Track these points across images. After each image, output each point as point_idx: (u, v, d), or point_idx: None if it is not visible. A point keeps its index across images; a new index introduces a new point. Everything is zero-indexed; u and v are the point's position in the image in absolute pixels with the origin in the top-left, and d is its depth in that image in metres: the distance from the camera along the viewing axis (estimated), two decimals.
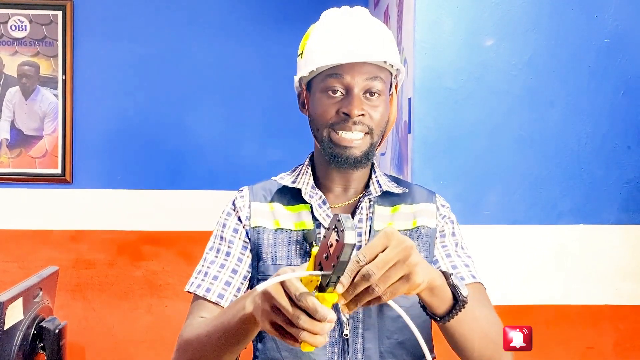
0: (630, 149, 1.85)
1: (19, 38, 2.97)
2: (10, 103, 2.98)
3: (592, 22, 1.83)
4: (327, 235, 0.74)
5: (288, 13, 3.01)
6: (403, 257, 0.78)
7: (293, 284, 0.76)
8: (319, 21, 1.17)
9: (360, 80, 1.08)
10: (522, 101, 1.83)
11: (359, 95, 1.09)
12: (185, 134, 3.04)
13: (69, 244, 3.00)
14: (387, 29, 1.15)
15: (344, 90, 1.09)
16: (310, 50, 1.12)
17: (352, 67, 1.08)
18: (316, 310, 0.73)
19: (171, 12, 3.02)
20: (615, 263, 1.86)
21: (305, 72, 1.12)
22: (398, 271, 0.78)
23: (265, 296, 0.79)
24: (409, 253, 0.79)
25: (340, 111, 1.09)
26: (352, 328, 1.10)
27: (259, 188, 1.22)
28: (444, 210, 1.22)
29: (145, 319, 3.01)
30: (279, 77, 2.96)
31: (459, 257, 1.17)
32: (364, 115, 1.09)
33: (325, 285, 0.74)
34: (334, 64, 1.07)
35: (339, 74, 1.08)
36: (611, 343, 1.88)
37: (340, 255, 0.69)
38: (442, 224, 1.20)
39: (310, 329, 0.74)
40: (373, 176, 1.19)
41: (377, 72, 1.10)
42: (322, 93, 1.11)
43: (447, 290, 0.93)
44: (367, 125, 1.10)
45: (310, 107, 1.15)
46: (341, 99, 1.10)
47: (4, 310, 1.25)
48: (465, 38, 1.82)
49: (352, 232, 0.69)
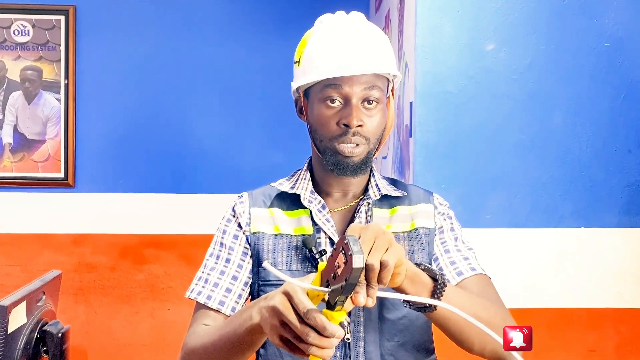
0: (631, 152, 1.85)
1: (22, 43, 2.98)
2: (13, 107, 2.99)
3: (593, 26, 1.84)
4: (334, 254, 0.77)
5: (290, 16, 3.02)
6: (375, 233, 0.84)
7: (301, 301, 0.78)
8: (314, 27, 1.17)
9: (358, 90, 1.09)
10: (522, 105, 1.83)
11: (357, 106, 1.09)
12: (188, 138, 3.04)
13: (71, 248, 3.01)
14: (383, 35, 1.16)
15: (342, 100, 1.10)
16: (308, 60, 1.12)
17: (350, 77, 1.08)
18: (325, 328, 0.76)
19: (174, 18, 3.03)
20: (616, 266, 1.86)
21: (303, 81, 1.13)
22: (380, 243, 0.83)
23: (274, 311, 0.82)
24: (381, 230, 0.85)
25: (340, 122, 1.10)
26: (354, 331, 1.10)
27: (258, 193, 1.22)
28: (442, 208, 1.22)
29: (147, 322, 3.02)
30: (281, 80, 2.95)
31: (458, 252, 1.17)
32: (362, 125, 1.09)
33: (333, 303, 0.77)
34: (334, 76, 1.08)
35: (337, 84, 1.09)
36: (613, 346, 1.88)
37: (349, 278, 0.73)
38: (440, 222, 1.20)
39: (319, 345, 0.77)
40: (372, 179, 1.20)
41: (375, 80, 1.10)
42: (321, 103, 1.11)
43: (423, 274, 0.96)
44: (365, 136, 1.10)
45: (310, 115, 1.16)
46: (340, 109, 1.10)
47: (8, 314, 1.25)
48: (466, 42, 1.83)
49: (361, 256, 0.72)
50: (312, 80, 1.10)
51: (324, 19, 1.17)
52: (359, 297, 0.79)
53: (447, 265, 1.14)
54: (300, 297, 0.79)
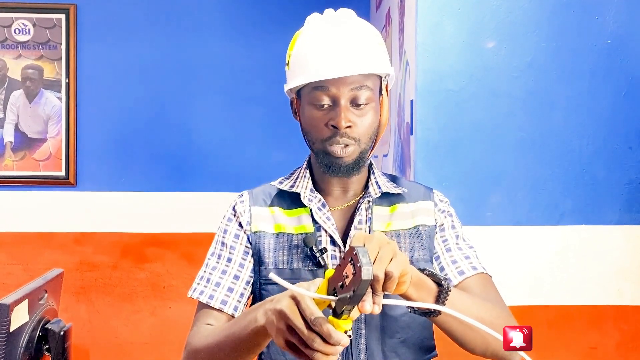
0: (632, 149, 1.85)
1: (23, 41, 2.99)
2: (14, 106, 3.00)
3: (593, 24, 1.84)
4: (342, 264, 0.79)
5: (290, 14, 3.02)
6: (380, 243, 0.85)
7: (308, 307, 0.79)
8: (302, 28, 1.16)
9: (346, 91, 1.08)
10: (523, 103, 1.84)
11: (345, 107, 1.09)
12: (189, 136, 3.05)
13: (73, 247, 3.02)
14: (373, 32, 1.14)
15: (331, 101, 1.09)
16: (295, 63, 1.12)
17: (337, 78, 1.08)
18: (331, 336, 0.77)
19: (174, 16, 3.03)
20: (617, 263, 1.87)
21: (292, 84, 1.13)
22: (385, 253, 0.84)
23: (281, 315, 0.82)
24: (385, 240, 0.86)
25: (329, 124, 1.10)
26: (355, 328, 1.10)
27: (258, 192, 1.22)
28: (443, 205, 1.22)
29: (149, 320, 3.03)
30: (281, 79, 2.96)
31: (459, 250, 1.17)
32: (350, 127, 1.09)
33: (340, 312, 0.79)
34: (318, 79, 1.08)
35: (324, 86, 1.08)
36: (614, 343, 1.88)
37: (357, 290, 0.75)
38: (441, 219, 1.20)
39: (324, 352, 0.79)
40: (372, 177, 1.20)
41: (363, 80, 1.09)
42: (310, 105, 1.11)
43: (428, 280, 0.96)
44: (354, 137, 1.10)
45: (302, 117, 1.16)
46: (329, 111, 1.10)
47: (10, 313, 1.26)
48: (467, 40, 1.83)
49: (369, 268, 0.74)
50: (300, 83, 1.11)
51: (311, 19, 1.15)
52: (365, 306, 0.80)
53: (449, 265, 1.14)
54: (308, 302, 0.80)
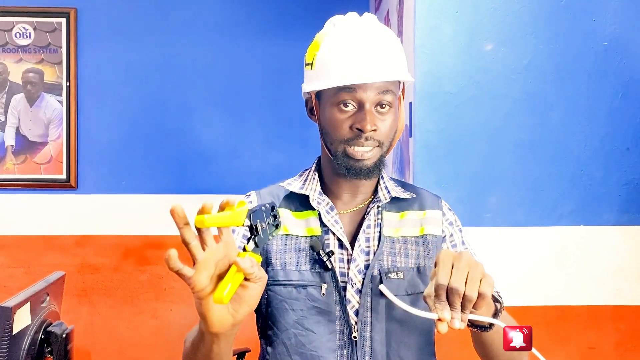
0: (629, 150, 1.86)
1: (24, 45, 3.00)
2: (15, 110, 3.01)
3: (591, 26, 1.85)
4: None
5: (291, 18, 3.03)
6: (468, 263, 0.87)
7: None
8: (325, 29, 1.16)
9: (372, 95, 1.09)
10: (521, 105, 1.85)
11: (370, 110, 1.10)
12: (190, 139, 3.06)
13: (74, 249, 3.02)
14: (395, 38, 1.15)
15: (356, 104, 1.10)
16: (323, 63, 1.12)
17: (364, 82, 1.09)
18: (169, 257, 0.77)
19: (175, 19, 3.04)
20: (615, 264, 1.87)
21: (317, 86, 1.12)
22: (475, 274, 0.86)
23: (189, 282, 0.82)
24: (473, 261, 0.88)
25: (353, 127, 1.10)
26: (361, 331, 1.11)
27: (266, 193, 1.22)
28: (450, 215, 1.24)
29: (150, 323, 3.03)
30: (282, 81, 2.98)
31: None
32: (375, 130, 1.10)
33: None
34: (350, 83, 1.08)
35: (351, 89, 1.09)
36: (612, 343, 1.89)
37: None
38: (450, 231, 1.22)
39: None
40: (381, 182, 1.20)
41: (388, 85, 1.11)
42: (334, 106, 1.11)
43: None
44: (378, 139, 1.11)
45: (322, 118, 1.16)
46: (353, 113, 1.10)
47: (12, 316, 1.27)
48: (465, 43, 1.84)
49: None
50: (327, 86, 1.10)
51: (337, 21, 1.15)
52: (455, 323, 0.85)
53: None
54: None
